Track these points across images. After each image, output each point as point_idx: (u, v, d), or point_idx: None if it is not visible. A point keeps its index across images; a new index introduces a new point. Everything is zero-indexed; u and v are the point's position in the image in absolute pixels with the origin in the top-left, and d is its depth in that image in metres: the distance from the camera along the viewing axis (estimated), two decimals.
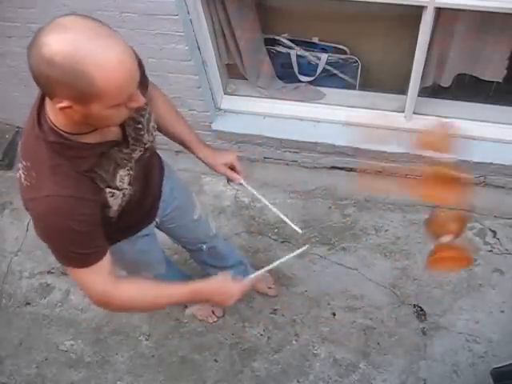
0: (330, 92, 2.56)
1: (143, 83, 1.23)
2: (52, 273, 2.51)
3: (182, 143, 1.54)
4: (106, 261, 1.16)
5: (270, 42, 2.47)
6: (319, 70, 2.49)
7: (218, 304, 1.33)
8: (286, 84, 2.57)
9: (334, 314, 2.29)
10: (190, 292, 1.28)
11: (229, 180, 1.59)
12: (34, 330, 2.41)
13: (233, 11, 2.23)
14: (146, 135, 1.23)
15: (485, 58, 2.14)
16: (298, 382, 2.17)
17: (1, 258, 2.62)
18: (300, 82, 2.55)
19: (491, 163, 2.35)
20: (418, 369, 2.14)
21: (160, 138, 3.00)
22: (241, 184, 1.54)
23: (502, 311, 2.23)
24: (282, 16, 2.41)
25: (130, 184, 1.21)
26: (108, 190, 1.13)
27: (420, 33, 2.01)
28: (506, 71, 2.16)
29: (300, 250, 1.44)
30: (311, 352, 2.22)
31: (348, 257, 2.42)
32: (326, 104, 2.54)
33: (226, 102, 2.62)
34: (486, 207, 2.47)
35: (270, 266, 1.41)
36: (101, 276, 1.16)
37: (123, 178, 1.17)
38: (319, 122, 2.53)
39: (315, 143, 2.51)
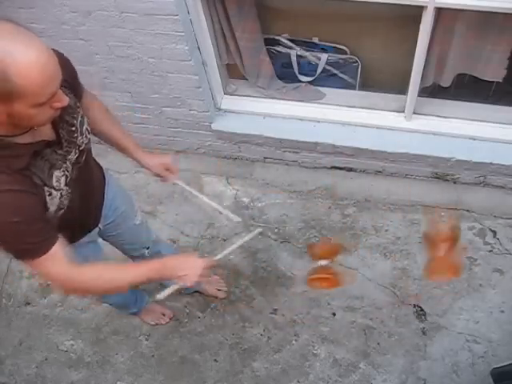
0: (330, 92, 2.56)
1: (76, 89, 1.31)
2: None
3: (118, 146, 1.57)
4: (61, 247, 1.19)
5: (270, 42, 2.47)
6: (319, 70, 2.49)
7: (182, 280, 1.32)
8: (286, 84, 2.56)
9: (334, 314, 2.29)
10: (153, 268, 1.30)
11: (163, 180, 1.67)
12: (34, 330, 2.41)
13: (233, 11, 2.23)
14: (80, 137, 1.28)
15: (485, 57, 2.14)
16: (298, 381, 2.17)
17: (1, 258, 2.62)
18: (300, 81, 2.55)
19: (491, 163, 2.35)
20: (417, 369, 2.14)
21: (160, 137, 3.01)
22: (175, 183, 1.66)
23: (502, 311, 2.23)
24: (282, 16, 2.41)
25: (66, 185, 1.24)
26: (46, 188, 1.16)
27: (420, 33, 2.01)
28: (505, 71, 2.16)
29: (254, 233, 1.52)
30: (311, 352, 2.22)
31: (348, 257, 2.42)
32: (326, 104, 2.54)
33: (226, 102, 2.62)
34: (486, 207, 2.47)
35: (230, 249, 1.47)
36: (59, 261, 1.18)
37: (59, 178, 1.20)
38: (319, 121, 2.53)
39: (315, 143, 2.51)
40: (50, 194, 1.18)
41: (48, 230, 1.17)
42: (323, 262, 1.63)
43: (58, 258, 1.18)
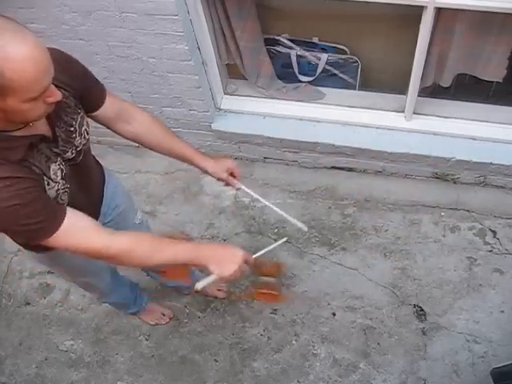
0: (330, 92, 2.56)
1: (96, 90, 1.31)
2: (52, 273, 2.50)
3: (174, 156, 1.54)
4: (77, 217, 1.16)
5: (270, 42, 2.47)
6: (319, 70, 2.49)
7: (216, 271, 1.24)
8: (286, 84, 2.57)
9: (334, 314, 2.29)
10: (193, 248, 1.24)
11: (227, 185, 1.66)
12: (34, 330, 2.41)
13: (233, 11, 2.23)
14: (78, 138, 1.27)
15: (485, 58, 2.14)
16: (298, 381, 2.17)
17: (1, 258, 2.62)
18: (300, 81, 2.55)
19: (491, 163, 2.35)
20: (418, 369, 2.14)
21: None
22: (239, 189, 1.65)
23: (502, 311, 2.23)
24: (282, 16, 2.41)
25: (63, 179, 1.23)
26: (45, 177, 1.16)
27: (420, 33, 2.01)
28: (505, 71, 2.16)
29: (281, 241, 1.52)
30: (311, 352, 2.22)
31: (348, 257, 2.42)
32: (325, 104, 2.54)
33: (226, 102, 2.62)
34: (486, 207, 2.47)
35: (264, 250, 1.50)
36: (82, 230, 1.15)
37: (56, 171, 1.20)
38: (319, 121, 2.53)
39: (315, 143, 2.51)
40: (49, 184, 1.18)
41: (51, 207, 1.14)
42: (268, 279, 1.73)
43: (80, 228, 1.15)
